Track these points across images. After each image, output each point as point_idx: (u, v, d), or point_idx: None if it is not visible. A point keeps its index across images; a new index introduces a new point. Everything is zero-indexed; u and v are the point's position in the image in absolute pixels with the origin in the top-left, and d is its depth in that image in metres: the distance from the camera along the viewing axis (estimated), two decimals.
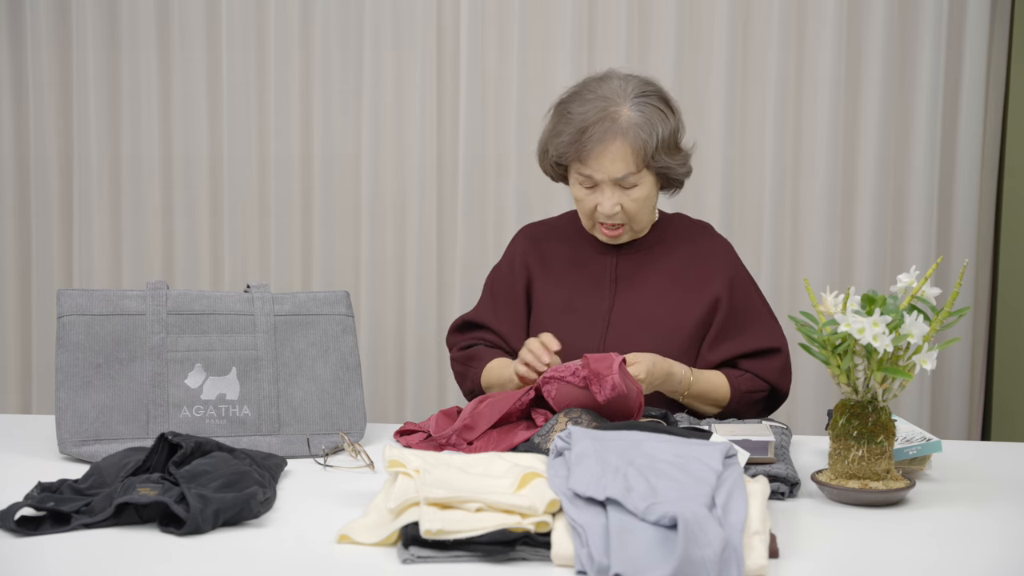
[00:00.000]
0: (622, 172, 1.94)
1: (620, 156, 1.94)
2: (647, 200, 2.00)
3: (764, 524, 1.31)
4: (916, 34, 2.95)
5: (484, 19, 3.03)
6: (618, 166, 1.94)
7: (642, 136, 1.93)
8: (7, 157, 3.19)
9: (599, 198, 1.97)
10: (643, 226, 2.04)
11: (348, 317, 1.87)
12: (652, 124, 1.94)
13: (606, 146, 1.94)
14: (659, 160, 1.96)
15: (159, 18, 3.13)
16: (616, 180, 1.95)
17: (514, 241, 2.20)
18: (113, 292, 1.78)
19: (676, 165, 1.99)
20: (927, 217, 2.96)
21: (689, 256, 2.07)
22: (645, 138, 1.93)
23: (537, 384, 1.77)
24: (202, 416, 1.76)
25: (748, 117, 3.00)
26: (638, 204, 1.98)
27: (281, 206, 3.12)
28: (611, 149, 1.94)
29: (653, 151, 1.94)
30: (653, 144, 1.94)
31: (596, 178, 1.96)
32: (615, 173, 1.94)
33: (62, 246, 3.21)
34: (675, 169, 2.00)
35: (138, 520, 1.40)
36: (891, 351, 1.47)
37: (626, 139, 1.93)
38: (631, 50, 2.99)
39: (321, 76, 3.08)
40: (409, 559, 1.28)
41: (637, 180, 1.96)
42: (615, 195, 1.96)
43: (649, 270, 2.07)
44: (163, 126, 3.16)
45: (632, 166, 1.94)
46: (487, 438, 1.78)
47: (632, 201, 1.97)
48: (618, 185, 1.96)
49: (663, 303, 2.02)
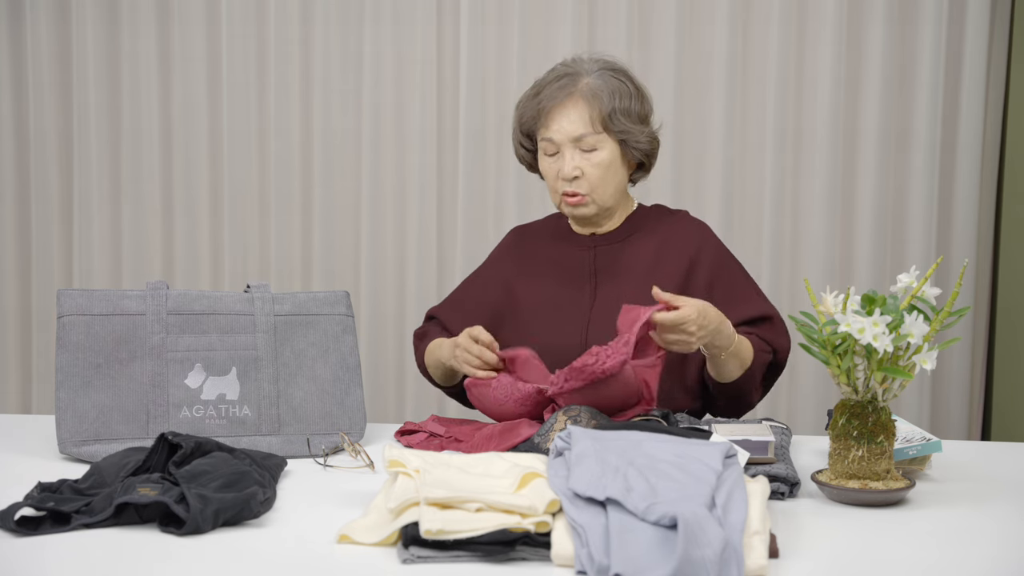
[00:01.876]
0: (579, 131, 1.98)
1: (577, 115, 1.98)
2: (609, 168, 2.00)
3: (764, 524, 1.31)
4: (916, 34, 2.95)
5: (484, 19, 3.03)
6: (575, 125, 1.98)
7: (600, 96, 1.98)
8: (7, 157, 3.19)
9: (560, 163, 2.00)
10: (606, 199, 2.03)
11: (348, 317, 1.87)
12: (611, 89, 1.99)
13: (564, 105, 1.99)
14: (618, 124, 1.98)
15: (159, 18, 3.13)
16: (575, 140, 1.98)
17: (501, 243, 2.23)
18: (113, 292, 1.78)
19: (637, 131, 2.01)
20: (927, 217, 2.96)
21: (663, 241, 2.07)
22: (603, 98, 1.98)
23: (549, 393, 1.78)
24: (202, 416, 1.76)
25: (748, 117, 3.01)
26: (600, 170, 1.99)
27: (281, 206, 3.12)
28: (568, 107, 1.99)
29: (611, 112, 1.98)
30: (610, 106, 1.98)
31: (556, 140, 2.00)
32: (573, 132, 1.98)
33: (62, 246, 3.21)
34: (635, 135, 2.01)
35: (138, 520, 1.40)
36: (891, 351, 1.47)
37: (583, 98, 1.98)
38: (631, 51, 2.99)
39: (321, 76, 3.08)
40: (409, 559, 1.28)
41: (596, 143, 1.99)
42: (575, 158, 1.99)
43: (627, 260, 2.07)
44: (163, 126, 3.16)
45: (589, 126, 1.98)
46: (487, 437, 1.78)
47: (593, 166, 1.99)
48: (578, 148, 1.99)
49: (643, 290, 2.01)
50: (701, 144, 3.00)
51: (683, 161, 3.01)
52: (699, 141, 2.99)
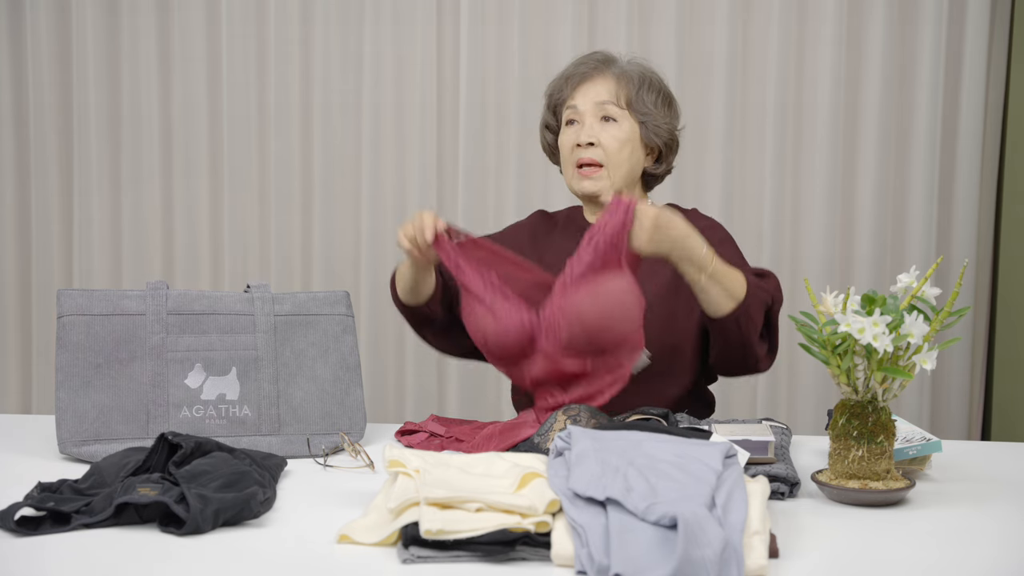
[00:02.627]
0: (603, 97, 2.03)
1: (604, 88, 2.04)
2: (626, 144, 2.02)
3: (764, 524, 1.31)
4: (916, 34, 2.95)
5: (484, 19, 3.03)
6: (600, 93, 2.03)
7: (630, 78, 2.04)
8: (7, 157, 3.19)
9: (579, 131, 2.04)
10: (618, 176, 2.03)
11: (348, 317, 1.87)
12: (642, 75, 2.05)
13: (592, 78, 2.05)
14: (641, 106, 2.02)
15: (159, 18, 3.13)
16: (597, 105, 2.02)
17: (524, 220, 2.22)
18: (113, 292, 1.77)
19: (659, 116, 2.04)
20: (927, 217, 2.96)
21: None
22: (633, 79, 2.04)
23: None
24: (202, 416, 1.76)
25: (748, 117, 3.01)
26: (616, 143, 2.02)
27: (281, 206, 3.12)
28: (597, 80, 2.05)
29: (637, 92, 2.03)
30: (638, 88, 2.03)
31: (579, 107, 2.04)
32: (596, 98, 2.03)
33: (62, 246, 3.21)
34: (655, 118, 2.03)
35: (138, 520, 1.40)
36: (891, 351, 1.47)
37: (613, 76, 2.05)
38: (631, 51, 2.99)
39: (321, 76, 3.08)
40: (409, 559, 1.28)
41: (617, 115, 2.02)
42: (595, 126, 2.03)
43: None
44: (163, 126, 3.16)
45: (613, 96, 2.03)
46: (488, 436, 1.78)
47: (610, 137, 2.02)
48: (599, 118, 2.03)
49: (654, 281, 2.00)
50: (701, 144, 3.00)
51: (683, 161, 2.99)
52: (699, 141, 2.99)
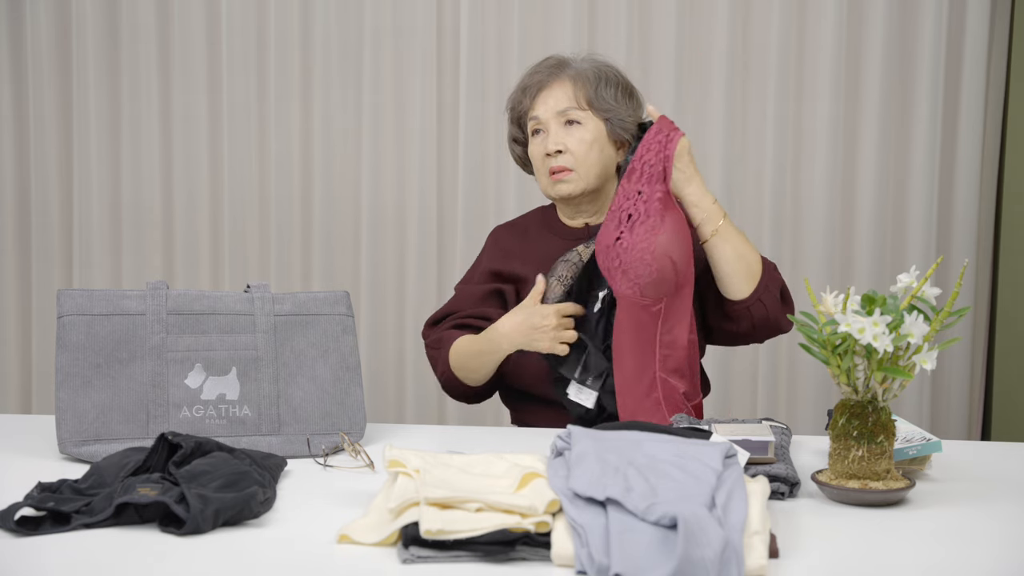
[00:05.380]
0: (564, 104, 2.03)
1: (563, 93, 2.04)
2: (593, 144, 2.02)
3: (764, 524, 1.31)
4: (916, 34, 2.95)
5: (484, 19, 3.03)
6: (560, 100, 2.03)
7: (587, 78, 2.04)
8: (7, 157, 3.19)
9: (546, 140, 2.04)
10: (590, 177, 2.03)
11: (348, 317, 1.87)
12: (598, 72, 2.05)
13: (550, 85, 2.05)
14: (603, 102, 2.02)
15: (159, 18, 3.13)
16: (559, 113, 2.03)
17: (485, 245, 2.22)
18: (113, 292, 1.77)
19: (622, 110, 2.04)
20: (927, 217, 2.96)
21: None
22: (589, 79, 2.04)
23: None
24: (202, 416, 1.76)
25: (748, 116, 3.01)
26: (584, 146, 2.02)
27: (281, 206, 3.12)
28: (555, 87, 2.05)
29: (596, 90, 2.03)
30: (596, 86, 2.03)
31: (542, 118, 2.04)
32: (556, 106, 2.03)
33: (62, 246, 3.21)
34: (619, 112, 2.03)
35: (138, 520, 1.40)
36: (891, 351, 1.47)
37: (570, 79, 2.05)
38: (631, 50, 2.99)
39: (321, 76, 3.08)
40: (409, 559, 1.28)
41: (580, 118, 2.02)
42: (559, 133, 2.03)
43: None
44: (163, 126, 3.16)
45: (574, 101, 2.03)
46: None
47: (577, 141, 2.02)
48: (563, 123, 2.03)
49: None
50: (701, 143, 3.00)
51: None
52: (699, 140, 2.99)
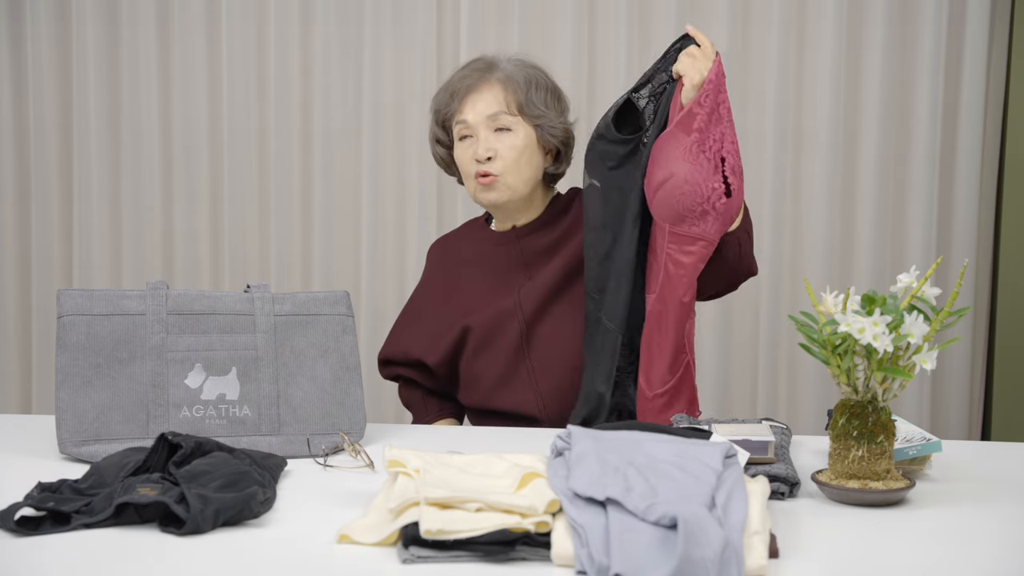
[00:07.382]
0: (494, 108, 2.00)
1: (492, 97, 2.01)
2: (523, 151, 2.01)
3: (764, 524, 1.31)
4: (916, 33, 2.95)
5: (484, 19, 3.03)
6: (490, 105, 2.00)
7: (516, 82, 2.01)
8: (7, 157, 3.19)
9: (475, 146, 2.01)
10: (519, 184, 2.02)
11: (348, 317, 1.87)
12: (527, 76, 2.02)
13: (479, 89, 2.02)
14: (533, 108, 2.00)
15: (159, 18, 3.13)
16: (489, 118, 2.00)
17: (427, 262, 2.23)
18: (113, 292, 1.77)
19: (552, 117, 2.02)
20: (927, 217, 2.96)
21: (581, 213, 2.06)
22: (519, 83, 2.01)
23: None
24: (202, 416, 1.76)
25: (748, 117, 3.01)
26: (514, 152, 2.00)
27: (281, 206, 3.12)
28: (484, 90, 2.02)
29: (526, 95, 2.00)
30: (526, 90, 2.00)
31: (470, 121, 2.01)
32: (487, 110, 2.00)
33: (62, 246, 3.21)
34: (550, 119, 2.02)
35: (138, 520, 1.40)
36: (891, 351, 1.47)
37: (499, 82, 2.01)
38: (631, 51, 2.99)
39: (321, 76, 3.08)
40: (409, 559, 1.28)
41: (511, 124, 2.00)
42: (489, 139, 2.00)
43: (556, 241, 2.06)
44: (163, 126, 3.16)
45: (504, 106, 2.00)
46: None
47: (507, 147, 2.00)
48: (492, 129, 2.00)
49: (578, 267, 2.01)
50: None
51: None
52: None
